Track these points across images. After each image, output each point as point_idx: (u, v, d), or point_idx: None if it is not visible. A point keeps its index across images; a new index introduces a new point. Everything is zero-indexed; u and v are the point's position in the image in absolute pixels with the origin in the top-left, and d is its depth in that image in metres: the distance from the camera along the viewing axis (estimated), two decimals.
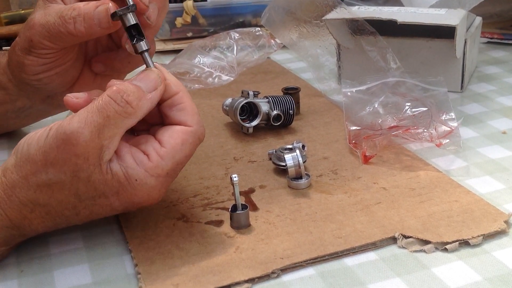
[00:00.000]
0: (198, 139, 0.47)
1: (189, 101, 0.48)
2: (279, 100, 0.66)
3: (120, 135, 0.45)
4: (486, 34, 0.92)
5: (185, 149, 0.46)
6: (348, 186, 0.55)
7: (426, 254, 0.46)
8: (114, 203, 0.45)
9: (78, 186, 0.44)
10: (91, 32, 0.52)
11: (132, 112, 0.45)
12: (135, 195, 0.45)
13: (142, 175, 0.45)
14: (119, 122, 0.44)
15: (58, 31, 0.52)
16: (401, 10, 0.76)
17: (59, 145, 0.43)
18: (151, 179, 0.45)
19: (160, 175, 0.45)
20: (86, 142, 0.43)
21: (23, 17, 1.02)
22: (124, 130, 0.45)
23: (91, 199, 0.45)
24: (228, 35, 0.86)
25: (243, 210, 0.49)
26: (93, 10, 0.51)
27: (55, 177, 0.44)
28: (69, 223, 0.47)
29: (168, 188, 0.48)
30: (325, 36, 0.76)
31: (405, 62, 0.70)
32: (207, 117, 0.71)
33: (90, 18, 0.51)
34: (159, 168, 0.45)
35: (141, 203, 0.46)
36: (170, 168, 0.46)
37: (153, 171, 0.45)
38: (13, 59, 0.57)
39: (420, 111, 0.62)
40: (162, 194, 0.47)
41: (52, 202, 0.45)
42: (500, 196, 0.53)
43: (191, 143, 0.47)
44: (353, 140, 0.61)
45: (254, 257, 0.46)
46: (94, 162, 0.43)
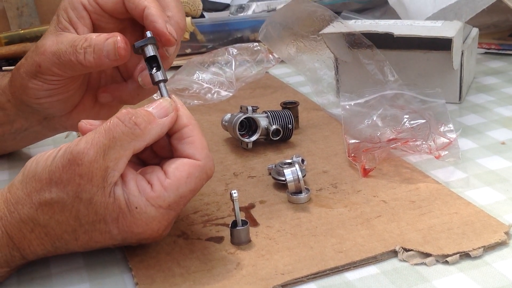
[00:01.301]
0: (205, 174, 0.47)
1: (198, 134, 0.47)
2: (278, 114, 0.66)
3: (127, 157, 0.44)
4: (484, 44, 0.93)
5: (190, 182, 0.46)
6: (348, 199, 0.55)
7: (427, 267, 0.46)
8: (113, 230, 0.45)
9: (79, 208, 0.44)
10: (100, 63, 0.52)
11: (139, 134, 0.44)
12: (133, 223, 0.44)
13: (142, 204, 0.44)
14: (125, 144, 0.44)
15: (68, 59, 0.52)
16: (398, 22, 0.76)
17: (64, 165, 0.43)
18: (151, 209, 0.44)
19: (161, 206, 0.45)
20: (90, 162, 0.43)
21: (22, 37, 1.03)
22: (131, 152, 0.45)
23: (90, 224, 0.44)
24: (226, 50, 0.87)
25: (243, 226, 0.49)
26: (104, 42, 0.52)
27: (57, 196, 0.44)
28: (68, 248, 0.46)
29: (171, 223, 0.47)
30: (322, 50, 0.76)
31: (403, 74, 0.71)
32: (207, 133, 0.72)
33: (100, 49, 0.51)
34: (161, 199, 0.45)
35: (140, 233, 0.45)
36: (172, 201, 0.45)
37: (154, 201, 0.44)
38: (17, 80, 0.57)
39: (418, 123, 0.62)
40: (162, 227, 0.46)
41: (52, 223, 0.44)
42: (500, 207, 0.53)
43: (197, 177, 0.46)
44: (352, 154, 0.61)
45: (255, 273, 0.46)
46: (97, 184, 0.43)
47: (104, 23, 0.55)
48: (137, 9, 0.52)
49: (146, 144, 0.46)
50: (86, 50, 0.52)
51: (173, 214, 0.46)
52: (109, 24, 0.55)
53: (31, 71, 0.55)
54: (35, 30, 1.04)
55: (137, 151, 0.45)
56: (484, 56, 0.91)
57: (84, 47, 0.52)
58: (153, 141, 0.46)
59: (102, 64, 0.52)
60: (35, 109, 0.58)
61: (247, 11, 1.08)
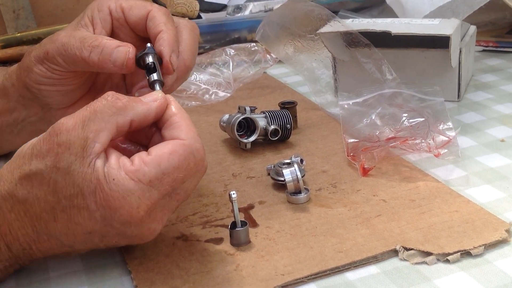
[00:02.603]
0: (191, 154, 0.44)
1: (187, 121, 0.46)
2: (276, 114, 0.66)
3: (109, 131, 0.43)
4: (481, 42, 0.93)
5: (173, 159, 0.43)
6: (348, 199, 0.55)
7: (428, 266, 0.45)
8: (91, 205, 0.43)
9: (57, 179, 0.43)
10: (103, 66, 0.53)
11: (121, 107, 0.44)
12: (110, 196, 0.42)
13: (120, 176, 0.42)
14: (106, 116, 0.43)
15: (73, 53, 0.53)
16: (395, 21, 0.76)
17: (45, 137, 0.44)
18: (129, 182, 0.42)
19: (141, 180, 0.43)
20: (68, 131, 0.43)
21: (19, 40, 1.02)
22: (114, 126, 0.44)
23: (68, 199, 0.43)
24: (223, 51, 0.87)
25: (243, 227, 0.49)
26: (114, 47, 0.52)
27: (36, 168, 0.43)
28: (49, 233, 0.45)
29: (155, 205, 0.44)
30: (320, 50, 0.76)
31: (401, 73, 0.70)
32: (205, 134, 0.71)
33: (108, 53, 0.52)
34: (140, 173, 0.43)
35: (118, 209, 0.43)
36: (153, 176, 0.43)
37: (133, 174, 0.43)
38: (25, 62, 0.58)
39: (417, 121, 0.62)
40: (144, 206, 0.43)
41: (30, 198, 0.43)
42: (500, 204, 0.52)
43: (181, 155, 0.44)
44: (351, 153, 0.61)
45: (254, 275, 0.46)
46: (75, 153, 0.42)
47: (123, 34, 0.57)
48: (155, 30, 0.54)
49: (131, 121, 0.44)
50: (93, 49, 0.52)
51: (156, 194, 0.43)
52: (127, 37, 0.57)
53: (39, 55, 0.56)
54: (31, 33, 1.04)
55: (122, 126, 0.44)
56: (482, 54, 0.91)
57: (92, 46, 0.53)
58: (138, 120, 0.45)
59: (104, 67, 0.53)
60: (35, 96, 0.58)
61: (244, 11, 1.07)
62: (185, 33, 0.56)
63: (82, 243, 0.45)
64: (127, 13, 0.56)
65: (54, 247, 0.46)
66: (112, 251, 0.50)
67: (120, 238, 0.45)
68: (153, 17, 0.55)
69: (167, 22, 0.54)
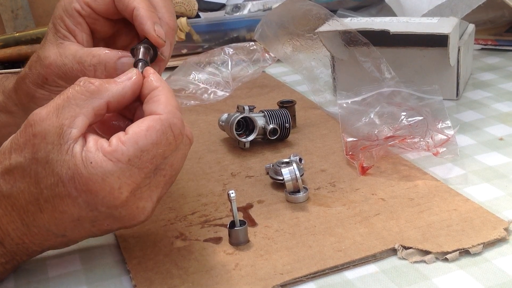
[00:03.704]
0: (168, 128, 0.43)
1: (167, 94, 0.45)
2: (275, 114, 0.66)
3: (85, 116, 0.43)
4: (480, 40, 0.93)
5: (150, 135, 0.42)
6: (347, 198, 0.55)
7: (426, 265, 0.45)
8: (72, 192, 0.42)
9: (37, 170, 0.43)
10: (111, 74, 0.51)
11: (94, 91, 0.43)
12: (89, 179, 0.41)
13: (98, 159, 0.42)
14: (80, 102, 0.43)
15: (76, 76, 0.52)
16: (393, 20, 0.76)
17: (21, 130, 0.43)
18: (108, 163, 0.41)
19: (119, 160, 0.42)
20: (42, 120, 0.42)
21: (17, 40, 1.02)
22: (90, 111, 0.43)
23: (49, 189, 0.43)
24: (222, 50, 0.86)
25: (241, 226, 0.49)
26: (116, 59, 0.51)
27: (15, 161, 0.43)
28: (38, 225, 0.44)
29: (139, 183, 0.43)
30: (318, 49, 0.76)
31: (400, 71, 0.70)
32: (204, 133, 0.71)
33: (113, 68, 0.51)
34: (118, 153, 0.42)
35: (99, 192, 0.42)
36: (132, 155, 0.42)
37: (111, 155, 0.42)
38: (23, 89, 0.57)
39: (416, 120, 0.62)
40: (126, 187, 0.42)
41: (14, 192, 0.43)
42: (499, 203, 0.52)
43: (159, 130, 0.42)
44: (350, 152, 0.61)
45: (253, 274, 0.46)
46: (52, 141, 0.42)
47: (99, 27, 0.55)
48: (127, 10, 0.51)
49: (107, 103, 0.44)
50: (96, 67, 0.52)
51: (137, 172, 0.42)
52: (104, 27, 0.55)
53: (37, 82, 0.55)
54: (30, 33, 1.04)
55: (98, 110, 0.44)
56: (481, 52, 0.91)
57: (94, 64, 0.52)
58: (115, 101, 0.44)
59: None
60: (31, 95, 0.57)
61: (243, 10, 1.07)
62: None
63: (73, 230, 0.45)
64: (94, 5, 0.54)
65: (47, 238, 0.45)
66: (111, 251, 0.50)
67: (111, 220, 0.44)
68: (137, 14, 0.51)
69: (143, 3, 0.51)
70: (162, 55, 0.52)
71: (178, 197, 0.57)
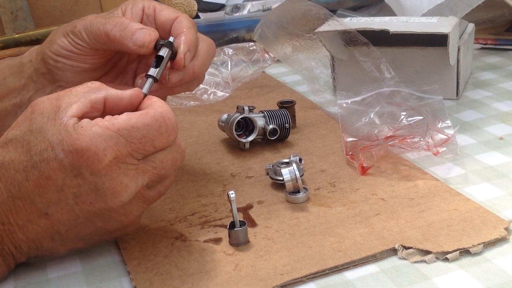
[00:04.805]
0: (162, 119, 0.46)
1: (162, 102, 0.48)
2: (274, 114, 0.66)
3: (82, 103, 0.45)
4: (480, 40, 0.92)
5: (144, 118, 0.45)
6: (347, 198, 0.55)
7: (427, 265, 0.45)
8: (59, 154, 0.43)
9: (30, 139, 0.45)
10: (124, 43, 0.55)
11: (94, 87, 0.46)
12: (77, 139, 0.43)
13: (89, 124, 0.44)
14: (79, 93, 0.46)
15: (97, 28, 0.56)
16: (393, 19, 0.76)
17: (23, 113, 0.46)
18: (97, 128, 0.43)
19: (108, 127, 0.44)
20: (42, 102, 0.46)
21: (17, 41, 1.02)
22: (86, 100, 0.45)
23: (39, 154, 0.44)
24: (222, 51, 0.86)
25: (241, 227, 0.49)
26: (138, 28, 0.55)
27: (11, 135, 0.46)
28: (22, 195, 0.45)
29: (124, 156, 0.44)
30: (318, 49, 0.76)
31: (399, 71, 0.70)
32: (204, 134, 0.71)
33: (130, 31, 0.55)
34: (109, 122, 0.44)
35: (84, 151, 0.43)
36: (122, 127, 0.44)
37: (101, 123, 0.44)
38: (50, 36, 0.60)
39: (416, 120, 0.62)
40: (109, 150, 0.43)
41: (5, 162, 0.45)
42: (499, 202, 0.52)
43: (153, 116, 0.45)
44: (350, 152, 0.61)
45: (253, 274, 0.46)
46: (48, 115, 0.45)
47: None
48: (178, 31, 0.57)
49: (104, 98, 0.46)
50: (117, 25, 0.55)
51: (124, 143, 0.44)
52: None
53: (66, 30, 0.58)
54: (29, 34, 1.04)
55: (95, 102, 0.46)
56: (481, 52, 0.91)
57: (117, 22, 0.56)
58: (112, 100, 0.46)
59: (125, 43, 0.55)
60: (49, 70, 0.60)
61: (242, 11, 1.07)
62: (203, 45, 0.58)
63: (56, 207, 0.45)
64: (158, 13, 0.60)
65: (31, 218, 0.45)
66: (111, 252, 0.50)
67: (94, 196, 0.44)
68: (180, 21, 0.58)
69: (192, 27, 0.58)
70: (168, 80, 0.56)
71: (178, 198, 0.57)
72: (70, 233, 0.47)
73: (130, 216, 0.47)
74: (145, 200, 0.47)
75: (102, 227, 0.47)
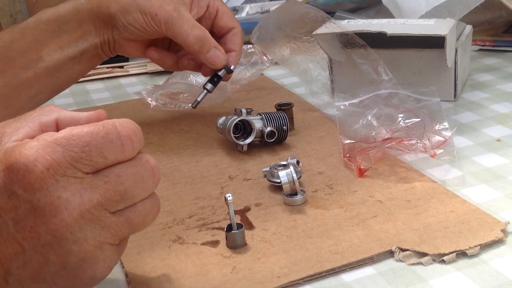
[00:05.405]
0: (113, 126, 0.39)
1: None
2: (272, 116, 0.66)
3: (30, 128, 0.40)
4: (478, 41, 0.93)
5: (89, 126, 0.39)
6: (344, 200, 0.55)
7: (423, 267, 0.45)
8: None
9: None
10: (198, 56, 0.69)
11: (46, 109, 0.42)
12: (8, 150, 0.38)
13: (27, 141, 0.38)
14: (29, 117, 0.41)
15: (179, 33, 0.67)
16: (391, 22, 0.76)
17: None
18: (33, 141, 0.38)
19: (45, 138, 0.38)
20: None
21: None
22: (35, 124, 0.41)
23: None
24: None
25: (238, 230, 0.49)
26: (213, 46, 0.68)
27: None
28: None
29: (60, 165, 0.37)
30: (316, 51, 0.76)
31: (397, 73, 0.71)
32: (202, 136, 0.71)
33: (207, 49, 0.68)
34: (48, 135, 0.38)
35: (13, 164, 0.37)
36: (61, 136, 0.38)
37: (41, 136, 0.38)
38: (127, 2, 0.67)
39: (413, 122, 0.62)
40: (41, 159, 0.37)
41: None
42: (496, 204, 0.52)
43: (100, 124, 0.39)
44: (347, 154, 0.61)
45: (251, 277, 0.46)
46: None
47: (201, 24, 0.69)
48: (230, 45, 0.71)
49: (56, 120, 0.42)
50: (197, 42, 0.67)
51: (60, 152, 0.37)
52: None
53: (144, 7, 0.66)
54: None
55: (45, 125, 0.41)
56: (479, 53, 0.91)
57: (197, 38, 0.67)
58: (65, 120, 0.42)
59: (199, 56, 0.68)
60: (113, 24, 0.68)
61: (241, 13, 1.08)
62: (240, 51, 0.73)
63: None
64: (219, 16, 0.69)
65: None
66: None
67: (32, 219, 0.37)
68: (235, 34, 0.71)
69: (241, 43, 0.72)
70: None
71: (175, 200, 0.57)
72: (23, 272, 0.38)
73: (85, 244, 0.38)
74: (105, 226, 0.39)
75: (58, 263, 0.38)
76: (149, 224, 0.42)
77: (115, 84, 0.95)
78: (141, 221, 0.41)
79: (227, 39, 0.71)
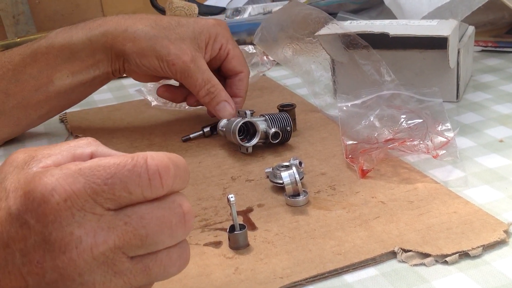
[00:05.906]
0: (143, 160, 0.35)
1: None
2: (276, 117, 0.66)
3: (63, 156, 0.37)
4: (480, 42, 0.93)
5: (117, 158, 0.36)
6: (347, 201, 0.55)
7: (426, 268, 0.45)
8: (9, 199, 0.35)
9: None
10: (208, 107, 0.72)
11: (84, 143, 0.39)
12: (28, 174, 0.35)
13: (52, 168, 0.36)
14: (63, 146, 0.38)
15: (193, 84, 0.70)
16: (393, 22, 0.76)
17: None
18: (57, 169, 0.35)
19: (68, 167, 0.35)
20: (18, 153, 0.38)
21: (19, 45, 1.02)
22: (68, 154, 0.37)
23: None
24: None
25: (241, 230, 0.49)
26: (223, 99, 0.70)
27: None
28: None
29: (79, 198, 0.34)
30: (318, 52, 0.76)
31: (399, 74, 0.71)
32: (204, 138, 0.71)
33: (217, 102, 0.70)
34: (73, 164, 0.35)
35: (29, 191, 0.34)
36: (86, 166, 0.35)
37: (66, 165, 0.36)
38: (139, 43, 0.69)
39: (415, 123, 0.62)
40: (59, 189, 0.34)
41: None
42: (499, 205, 0.52)
43: (129, 157, 0.36)
44: (350, 155, 0.61)
45: (253, 278, 0.46)
46: (16, 165, 0.37)
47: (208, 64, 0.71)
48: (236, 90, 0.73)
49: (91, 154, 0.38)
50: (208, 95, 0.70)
51: (82, 182, 0.34)
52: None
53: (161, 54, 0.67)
54: (31, 38, 1.04)
55: (78, 157, 0.38)
56: (481, 54, 0.91)
57: (208, 92, 0.69)
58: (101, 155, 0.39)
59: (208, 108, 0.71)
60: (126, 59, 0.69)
61: (243, 14, 1.08)
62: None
63: (3, 269, 0.35)
64: (229, 59, 0.71)
65: None
66: None
67: (41, 252, 0.34)
68: (241, 79, 0.72)
69: (246, 88, 0.73)
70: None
71: None
72: None
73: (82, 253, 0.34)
74: (119, 271, 0.35)
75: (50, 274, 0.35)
76: (172, 276, 0.37)
77: (117, 85, 0.95)
78: (161, 272, 0.36)
79: (233, 83, 0.72)
